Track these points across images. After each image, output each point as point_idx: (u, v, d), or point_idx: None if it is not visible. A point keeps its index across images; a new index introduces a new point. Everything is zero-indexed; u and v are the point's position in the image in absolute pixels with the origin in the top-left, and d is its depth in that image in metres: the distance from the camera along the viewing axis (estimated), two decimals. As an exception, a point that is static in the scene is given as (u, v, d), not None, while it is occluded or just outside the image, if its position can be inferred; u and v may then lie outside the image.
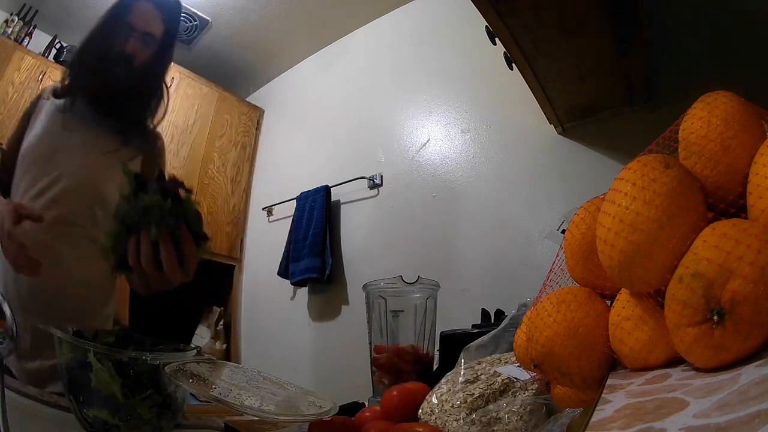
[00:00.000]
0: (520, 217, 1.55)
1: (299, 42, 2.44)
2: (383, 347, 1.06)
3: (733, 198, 0.35)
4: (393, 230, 1.89)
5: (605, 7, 0.97)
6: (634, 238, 0.33)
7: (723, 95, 0.38)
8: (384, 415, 0.65)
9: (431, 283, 1.13)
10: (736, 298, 0.28)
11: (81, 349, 0.56)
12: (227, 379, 0.63)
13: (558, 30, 1.04)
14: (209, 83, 2.45)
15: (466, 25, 1.79)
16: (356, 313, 1.89)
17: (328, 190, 2.08)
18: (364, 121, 2.15)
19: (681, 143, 0.39)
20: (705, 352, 0.29)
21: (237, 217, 2.50)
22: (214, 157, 2.43)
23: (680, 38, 1.31)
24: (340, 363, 1.88)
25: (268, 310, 2.30)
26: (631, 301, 0.38)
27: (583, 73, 1.19)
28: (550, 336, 0.40)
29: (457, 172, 1.76)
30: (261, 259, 2.40)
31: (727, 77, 1.19)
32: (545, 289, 0.48)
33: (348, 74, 2.31)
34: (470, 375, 0.62)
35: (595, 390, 0.38)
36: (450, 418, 0.56)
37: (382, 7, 2.19)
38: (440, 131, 1.86)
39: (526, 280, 1.43)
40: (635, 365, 0.36)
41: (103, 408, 0.54)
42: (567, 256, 0.46)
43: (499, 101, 1.70)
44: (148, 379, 0.56)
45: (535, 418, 0.51)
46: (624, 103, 1.35)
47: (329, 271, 1.94)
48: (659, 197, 0.33)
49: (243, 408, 0.51)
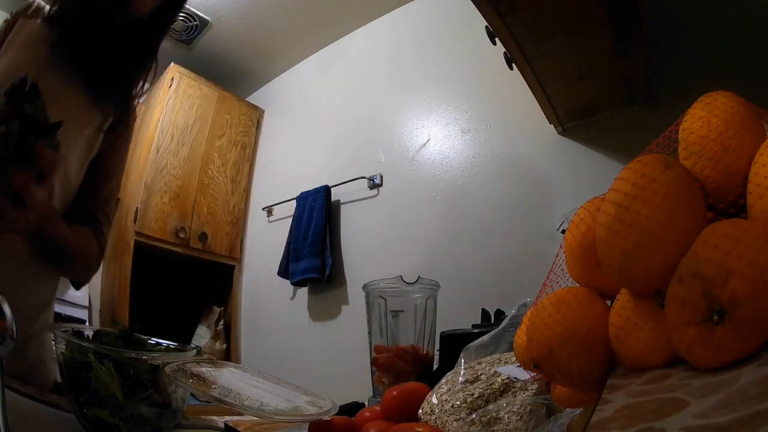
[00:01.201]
0: (520, 217, 1.55)
1: (299, 42, 2.44)
2: (383, 347, 1.06)
3: (733, 198, 0.35)
4: (393, 230, 1.89)
5: (605, 7, 0.97)
6: (634, 238, 0.33)
7: (723, 95, 0.38)
8: (384, 415, 0.65)
9: (431, 283, 1.14)
10: (736, 298, 0.28)
11: (81, 348, 0.56)
12: (227, 379, 0.63)
13: (558, 30, 1.04)
14: (209, 83, 2.45)
15: (466, 25, 1.79)
16: (356, 313, 1.89)
17: (328, 190, 2.08)
18: (364, 121, 2.15)
19: (681, 143, 0.39)
20: (705, 352, 0.29)
21: (237, 217, 2.50)
22: (214, 157, 2.44)
23: (680, 38, 1.31)
24: (340, 363, 1.88)
25: (268, 310, 2.30)
26: (631, 301, 0.38)
27: (583, 73, 1.19)
28: (550, 336, 0.40)
29: (457, 172, 1.76)
30: (261, 259, 2.40)
31: (727, 77, 1.19)
32: (545, 289, 0.48)
33: (348, 74, 2.31)
34: (470, 375, 0.62)
35: (595, 390, 0.38)
36: (450, 418, 0.56)
37: (382, 7, 2.19)
38: (440, 131, 1.86)
39: (526, 280, 1.43)
40: (635, 365, 0.36)
41: (103, 408, 0.54)
42: (567, 256, 0.46)
43: (499, 101, 1.70)
44: (148, 379, 0.56)
45: (535, 418, 0.51)
46: (624, 103, 1.35)
47: (329, 271, 1.94)
48: (659, 197, 0.33)
49: (243, 408, 0.51)
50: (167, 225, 2.17)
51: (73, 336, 0.59)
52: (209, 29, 2.31)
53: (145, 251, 2.08)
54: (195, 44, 2.40)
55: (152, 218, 2.13)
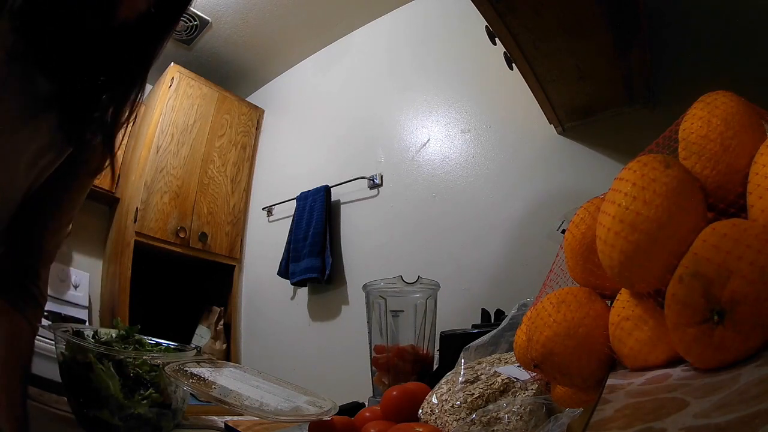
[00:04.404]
0: (520, 217, 1.55)
1: (299, 42, 2.44)
2: (383, 347, 1.06)
3: (733, 198, 0.35)
4: (393, 230, 1.89)
5: (605, 7, 0.97)
6: (634, 238, 0.33)
7: (723, 95, 0.38)
8: (384, 415, 0.65)
9: (431, 283, 1.14)
10: (736, 297, 0.28)
11: (81, 348, 0.56)
12: (227, 379, 0.63)
13: (558, 30, 1.04)
14: (209, 83, 2.45)
15: (466, 25, 1.79)
16: (356, 313, 1.89)
17: (328, 190, 2.08)
18: (364, 120, 2.15)
19: (681, 143, 0.39)
20: (705, 352, 0.29)
21: (237, 217, 2.50)
22: (214, 157, 2.43)
23: (680, 38, 1.31)
24: (340, 363, 1.88)
25: (268, 310, 2.30)
26: (631, 301, 0.38)
27: (583, 73, 1.19)
28: (550, 336, 0.40)
29: (457, 172, 1.76)
30: (261, 259, 2.40)
31: (727, 77, 1.19)
32: (545, 289, 0.48)
33: (348, 74, 2.31)
34: (470, 375, 0.62)
35: (595, 390, 0.38)
36: (450, 418, 0.56)
37: (382, 7, 2.19)
38: (440, 131, 1.86)
39: (526, 280, 1.43)
40: (635, 365, 0.36)
41: (103, 408, 0.54)
42: (567, 256, 0.46)
43: (499, 101, 1.70)
44: (148, 379, 0.56)
45: (535, 418, 0.51)
46: (624, 103, 1.35)
47: (329, 271, 1.94)
48: (659, 197, 0.33)
49: (243, 408, 0.51)
50: (167, 225, 2.17)
51: (73, 336, 0.59)
52: (209, 29, 2.31)
53: (145, 251, 2.08)
54: (195, 44, 2.40)
55: (152, 218, 2.12)
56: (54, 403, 0.64)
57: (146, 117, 2.29)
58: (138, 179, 2.14)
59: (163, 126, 2.23)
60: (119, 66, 0.63)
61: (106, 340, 0.64)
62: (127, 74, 0.65)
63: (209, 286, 2.51)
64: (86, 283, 2.11)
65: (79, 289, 2.06)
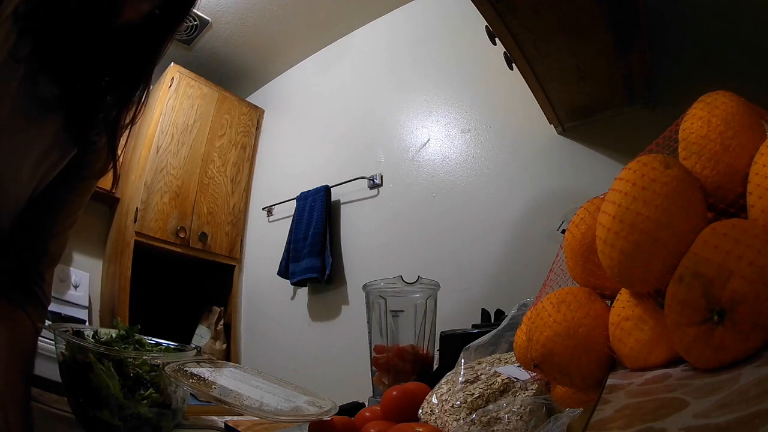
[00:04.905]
0: (520, 217, 1.55)
1: (299, 42, 2.44)
2: (383, 347, 1.06)
3: (733, 198, 0.35)
4: (393, 230, 1.89)
5: (605, 7, 0.97)
6: (634, 238, 0.33)
7: (723, 95, 0.38)
8: (384, 415, 0.65)
9: (431, 283, 1.14)
10: (736, 297, 0.28)
11: (81, 348, 0.56)
12: (227, 379, 0.63)
13: (558, 30, 1.04)
14: (209, 83, 2.45)
15: (466, 25, 1.79)
16: (356, 313, 1.89)
17: (328, 190, 2.08)
18: (364, 121, 2.15)
19: (681, 143, 0.39)
20: (705, 352, 0.29)
21: (237, 217, 2.50)
22: (214, 157, 2.43)
23: (680, 38, 1.31)
24: (340, 363, 1.88)
25: (268, 310, 2.30)
26: (631, 301, 0.38)
27: (583, 73, 1.19)
28: (550, 336, 0.40)
29: (457, 172, 1.76)
30: (261, 259, 2.40)
31: (727, 77, 1.19)
32: (545, 289, 0.48)
33: (348, 74, 2.31)
34: (470, 375, 0.62)
35: (595, 390, 0.38)
36: (450, 418, 0.56)
37: (382, 8, 2.19)
38: (440, 131, 1.86)
39: (526, 280, 1.43)
40: (635, 365, 0.36)
41: (103, 408, 0.54)
42: (567, 256, 0.46)
43: (499, 101, 1.70)
44: (148, 379, 0.56)
45: (535, 418, 0.51)
46: (624, 103, 1.35)
47: (329, 271, 1.94)
48: (659, 197, 0.33)
49: (243, 408, 0.51)
50: (167, 225, 2.17)
51: (73, 336, 0.59)
52: (209, 29, 2.31)
53: (145, 251, 2.08)
54: (195, 44, 2.40)
55: (152, 218, 2.12)
56: (54, 403, 0.64)
57: (146, 117, 2.29)
58: (138, 179, 2.14)
59: (163, 126, 2.23)
60: (123, 67, 0.64)
61: (106, 340, 0.64)
62: (131, 75, 0.65)
63: (209, 286, 2.51)
64: (86, 283, 2.11)
65: (79, 289, 2.06)
